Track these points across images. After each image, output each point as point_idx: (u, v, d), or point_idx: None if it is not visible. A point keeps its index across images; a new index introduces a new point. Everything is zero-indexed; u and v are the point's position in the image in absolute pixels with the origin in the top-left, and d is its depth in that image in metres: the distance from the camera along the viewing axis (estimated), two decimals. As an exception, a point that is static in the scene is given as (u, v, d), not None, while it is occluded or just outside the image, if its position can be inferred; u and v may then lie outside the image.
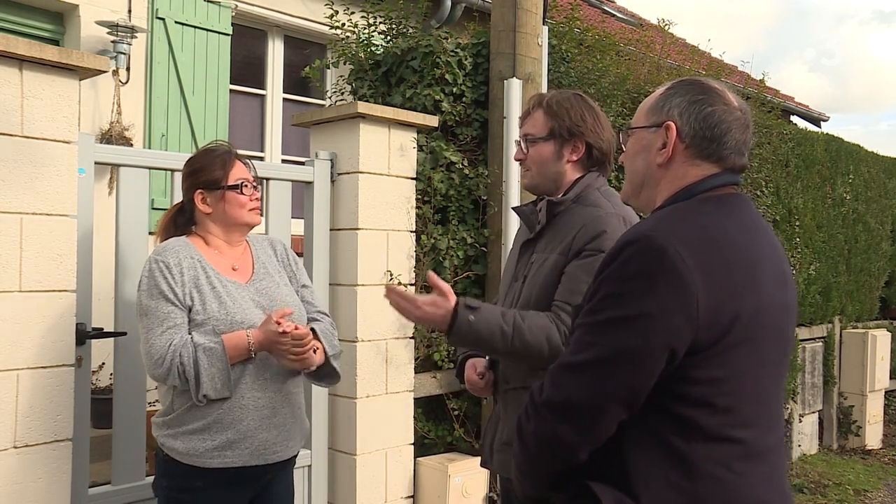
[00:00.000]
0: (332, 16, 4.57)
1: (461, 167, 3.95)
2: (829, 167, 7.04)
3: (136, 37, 5.06)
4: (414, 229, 3.56)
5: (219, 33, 5.63)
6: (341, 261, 3.36)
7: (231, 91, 5.76)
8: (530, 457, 1.42)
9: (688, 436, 1.33)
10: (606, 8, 10.65)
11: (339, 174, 3.38)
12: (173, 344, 2.08)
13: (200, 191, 2.26)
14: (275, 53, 6.25)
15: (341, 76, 4.73)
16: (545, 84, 4.19)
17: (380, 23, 4.43)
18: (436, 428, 3.92)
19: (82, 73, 2.49)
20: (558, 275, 2.02)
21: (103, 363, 4.09)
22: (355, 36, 4.44)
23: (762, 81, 6.74)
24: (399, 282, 3.44)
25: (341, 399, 3.35)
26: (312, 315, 2.38)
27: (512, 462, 1.50)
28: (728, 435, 1.34)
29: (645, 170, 1.53)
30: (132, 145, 4.90)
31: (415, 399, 3.59)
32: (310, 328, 2.26)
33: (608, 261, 1.38)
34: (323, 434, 3.31)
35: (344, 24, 4.52)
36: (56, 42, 5.04)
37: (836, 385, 7.20)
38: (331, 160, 3.37)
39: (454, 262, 3.92)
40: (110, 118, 4.94)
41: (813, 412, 6.85)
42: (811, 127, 8.59)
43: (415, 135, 3.57)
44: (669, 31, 6.73)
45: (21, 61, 2.35)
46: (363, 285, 3.31)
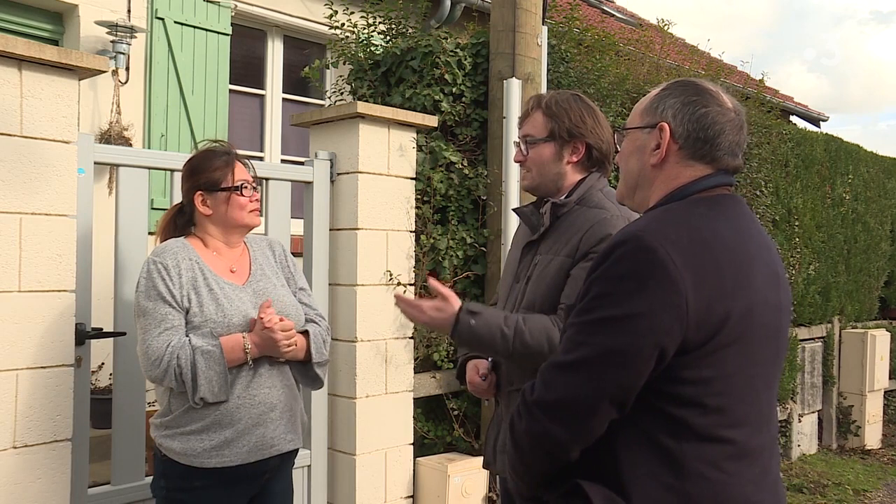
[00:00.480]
0: (332, 16, 4.58)
1: (461, 167, 3.95)
2: (829, 167, 7.04)
3: (136, 37, 5.06)
4: (413, 229, 3.56)
5: (218, 33, 5.63)
6: (341, 261, 3.36)
7: (230, 91, 5.76)
8: (523, 456, 1.43)
9: (678, 435, 1.34)
10: (606, 8, 10.64)
11: (339, 174, 3.38)
12: (171, 345, 2.08)
13: (200, 192, 2.26)
14: (274, 53, 6.25)
15: (341, 76, 4.74)
16: (545, 84, 4.20)
17: (379, 23, 4.44)
18: (435, 428, 3.92)
19: (82, 73, 2.49)
20: (564, 277, 2.03)
21: (103, 363, 4.10)
22: (355, 36, 4.45)
23: (761, 81, 6.74)
24: (398, 282, 3.44)
25: (341, 399, 3.35)
26: (311, 317, 2.39)
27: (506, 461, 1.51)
28: (719, 435, 1.35)
29: (639, 170, 1.54)
30: (131, 145, 4.91)
31: (414, 399, 3.59)
32: (304, 329, 2.27)
33: (600, 260, 1.39)
34: (322, 434, 3.31)
35: (343, 24, 4.52)
36: (55, 42, 5.04)
37: (836, 385, 7.20)
38: (330, 160, 3.37)
39: (453, 262, 3.92)
40: (110, 118, 4.94)
41: (812, 412, 6.85)
42: (810, 127, 8.58)
43: (414, 135, 3.57)
44: (669, 31, 6.73)
45: (20, 61, 2.35)
46: (363, 285, 3.32)
